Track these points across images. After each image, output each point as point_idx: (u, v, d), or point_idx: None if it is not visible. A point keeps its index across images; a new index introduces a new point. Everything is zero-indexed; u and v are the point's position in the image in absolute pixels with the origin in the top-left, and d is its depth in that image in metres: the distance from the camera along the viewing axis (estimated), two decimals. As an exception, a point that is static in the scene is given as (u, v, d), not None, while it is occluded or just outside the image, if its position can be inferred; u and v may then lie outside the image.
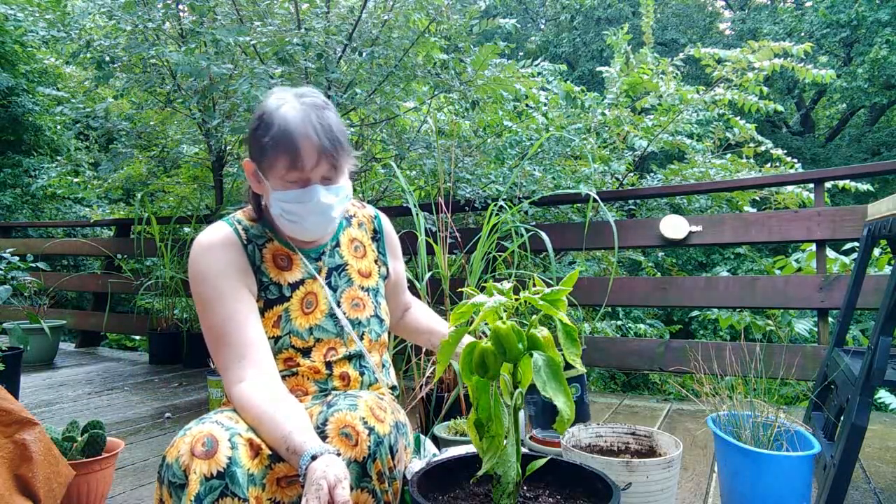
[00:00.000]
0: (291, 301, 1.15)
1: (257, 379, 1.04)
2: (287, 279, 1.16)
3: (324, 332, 1.16)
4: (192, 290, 1.11)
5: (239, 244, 1.14)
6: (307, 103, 1.09)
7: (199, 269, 1.10)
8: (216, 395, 2.49)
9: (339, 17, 2.91)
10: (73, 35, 3.25)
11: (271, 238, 1.18)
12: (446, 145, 3.44)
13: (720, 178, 4.18)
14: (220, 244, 1.12)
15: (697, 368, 1.80)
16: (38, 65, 7.36)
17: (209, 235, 1.13)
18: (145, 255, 4.20)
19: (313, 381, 1.15)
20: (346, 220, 1.29)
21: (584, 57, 14.43)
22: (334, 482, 0.86)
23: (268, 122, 1.07)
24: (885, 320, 1.37)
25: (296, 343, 1.14)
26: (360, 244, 1.29)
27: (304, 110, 1.07)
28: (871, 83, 10.80)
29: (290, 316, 1.15)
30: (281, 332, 1.13)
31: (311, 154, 1.06)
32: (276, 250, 1.18)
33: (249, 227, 1.18)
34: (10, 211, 7.10)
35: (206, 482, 0.87)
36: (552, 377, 0.93)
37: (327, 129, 1.06)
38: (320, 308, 1.17)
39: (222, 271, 1.10)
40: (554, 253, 2.46)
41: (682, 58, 4.21)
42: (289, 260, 1.18)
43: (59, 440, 1.55)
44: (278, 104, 1.08)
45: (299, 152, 1.05)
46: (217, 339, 1.08)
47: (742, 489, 1.39)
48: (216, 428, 0.93)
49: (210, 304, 1.08)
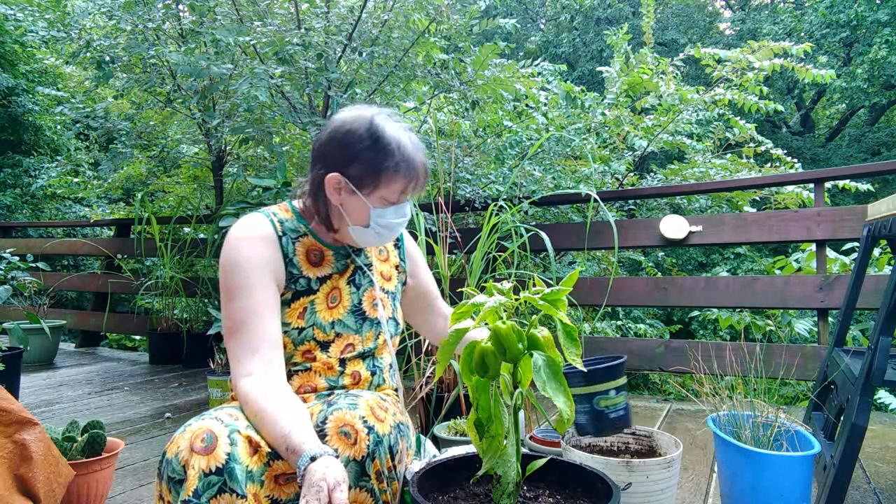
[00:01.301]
0: (318, 294, 1.19)
1: (265, 375, 1.06)
2: (317, 273, 1.20)
3: (344, 327, 1.20)
4: (222, 278, 1.13)
5: (274, 236, 1.17)
6: (406, 128, 1.18)
7: (232, 258, 1.12)
8: (216, 395, 2.49)
9: (339, 17, 2.91)
10: (73, 35, 3.25)
11: (306, 234, 1.21)
12: (446, 145, 3.44)
13: (720, 178, 4.18)
14: (257, 237, 1.15)
15: (697, 368, 1.80)
16: (38, 65, 7.36)
17: (246, 228, 1.16)
18: (145, 255, 4.20)
19: (325, 377, 1.17)
20: None
21: (584, 57, 14.43)
22: (333, 485, 0.87)
23: (384, 144, 1.13)
24: (885, 320, 1.37)
25: (318, 335, 1.17)
26: (385, 248, 1.34)
27: (408, 134, 1.17)
28: (870, 83, 10.80)
29: (315, 308, 1.18)
30: (305, 324, 1.16)
31: (421, 183, 1.18)
32: (311, 246, 1.21)
33: (285, 219, 1.21)
34: (10, 211, 7.10)
35: (205, 478, 0.88)
36: (552, 377, 0.93)
37: (425, 159, 1.18)
38: (343, 304, 1.21)
39: (256, 264, 1.12)
40: (554, 253, 2.46)
41: (682, 58, 4.21)
42: (321, 255, 1.22)
43: (59, 440, 1.55)
44: (393, 133, 1.14)
45: (418, 180, 1.17)
46: (236, 328, 1.09)
47: (742, 489, 1.39)
48: (216, 424, 0.94)
49: (237, 293, 1.10)
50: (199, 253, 3.99)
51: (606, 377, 1.35)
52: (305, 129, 2.88)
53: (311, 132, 2.81)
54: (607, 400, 1.34)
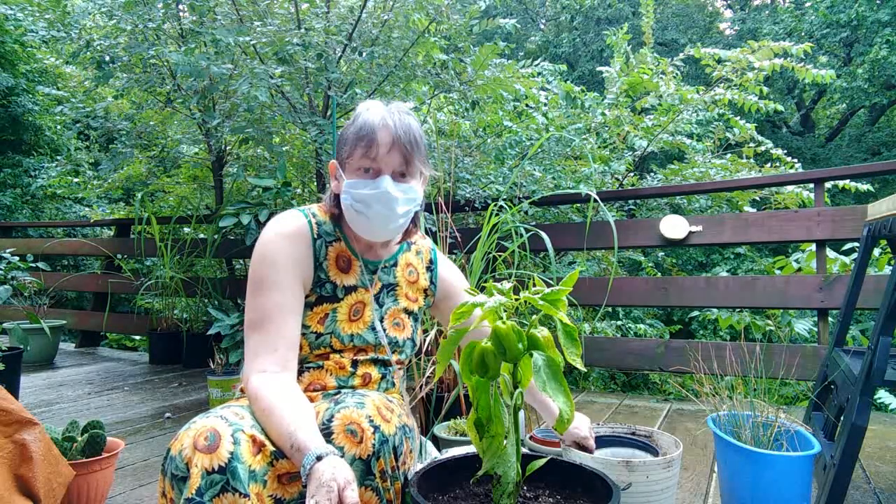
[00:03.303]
0: (341, 304, 1.20)
1: (278, 373, 1.07)
2: (343, 281, 1.21)
3: (363, 341, 1.21)
4: (252, 269, 1.14)
5: (309, 237, 1.18)
6: (393, 107, 1.18)
7: (266, 252, 1.13)
8: (216, 395, 2.49)
9: (339, 17, 2.91)
10: (73, 35, 3.25)
11: (339, 238, 1.22)
12: (446, 145, 3.44)
13: (720, 178, 4.18)
14: (294, 234, 1.16)
15: (697, 368, 1.80)
16: (38, 65, 7.36)
17: (285, 224, 1.17)
18: (145, 255, 4.20)
19: (335, 376, 1.18)
20: (408, 245, 1.34)
21: (584, 57, 14.43)
22: (344, 484, 0.87)
23: (354, 119, 1.17)
24: (885, 320, 1.37)
25: (335, 344, 1.18)
26: (415, 270, 1.33)
27: (387, 109, 1.17)
28: (871, 83, 10.81)
29: (336, 317, 1.19)
30: (324, 331, 1.17)
31: (386, 140, 1.13)
32: (341, 251, 1.22)
33: (323, 221, 1.22)
34: (10, 211, 7.10)
35: (208, 476, 0.88)
36: (552, 377, 0.93)
37: (405, 125, 1.15)
38: (364, 319, 1.22)
39: (288, 261, 1.14)
40: (554, 253, 2.45)
41: (682, 58, 4.21)
42: (349, 263, 1.22)
43: (59, 440, 1.55)
44: (367, 107, 1.18)
45: (375, 138, 1.13)
46: (259, 322, 1.10)
47: (742, 489, 1.38)
48: (220, 423, 0.95)
49: (265, 287, 1.12)
50: (199, 253, 3.99)
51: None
52: (305, 129, 2.88)
53: (310, 132, 2.81)
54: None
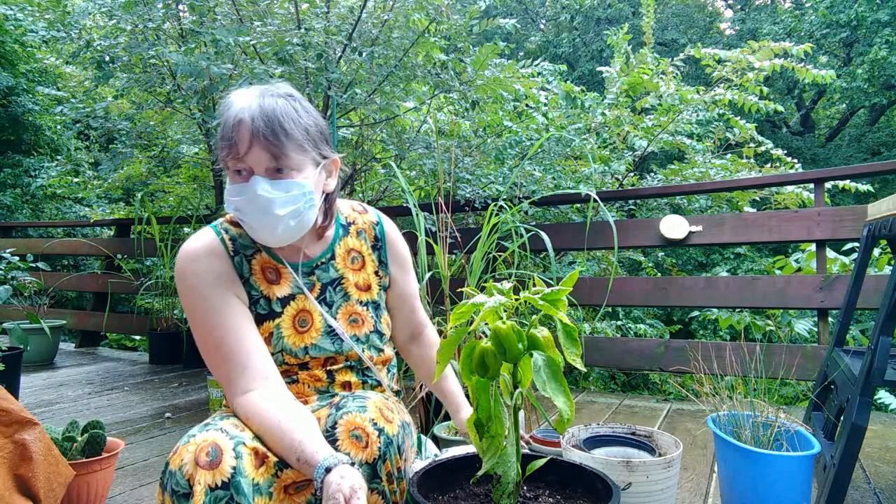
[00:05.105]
0: (283, 317, 1.11)
1: (262, 389, 1.02)
2: (276, 293, 1.11)
3: (321, 350, 1.12)
4: (182, 301, 1.06)
5: (224, 253, 1.09)
6: (255, 92, 1.03)
7: (185, 279, 1.05)
8: (216, 395, 2.49)
9: (339, 17, 2.91)
10: (73, 35, 3.25)
11: (259, 249, 1.12)
12: (446, 145, 3.44)
13: (720, 178, 4.18)
14: (206, 252, 1.07)
15: (697, 368, 1.80)
16: (38, 64, 7.36)
17: (193, 244, 1.08)
18: (145, 255, 4.20)
19: (314, 388, 1.13)
20: (344, 228, 1.22)
21: (584, 57, 14.43)
22: (350, 493, 0.85)
23: (221, 113, 1.04)
24: (885, 320, 1.37)
25: (289, 360, 1.11)
26: (358, 254, 1.21)
27: (248, 97, 1.02)
28: (870, 83, 10.81)
29: (281, 333, 1.10)
30: (273, 350, 1.09)
31: (245, 137, 0.99)
32: (265, 262, 1.12)
33: (238, 235, 1.11)
34: (10, 211, 7.10)
35: (211, 493, 0.86)
36: (552, 377, 0.93)
37: (267, 112, 1.00)
38: (315, 327, 1.12)
39: (210, 281, 1.05)
40: (554, 253, 2.45)
41: (682, 58, 4.21)
42: (277, 273, 1.13)
43: (59, 440, 1.55)
44: (231, 100, 1.04)
45: (234, 136, 1.00)
46: (214, 351, 1.04)
47: (742, 489, 1.38)
48: (220, 436, 0.92)
49: (202, 316, 1.04)
50: (199, 253, 3.98)
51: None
52: (305, 129, 2.87)
53: (311, 132, 2.81)
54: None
